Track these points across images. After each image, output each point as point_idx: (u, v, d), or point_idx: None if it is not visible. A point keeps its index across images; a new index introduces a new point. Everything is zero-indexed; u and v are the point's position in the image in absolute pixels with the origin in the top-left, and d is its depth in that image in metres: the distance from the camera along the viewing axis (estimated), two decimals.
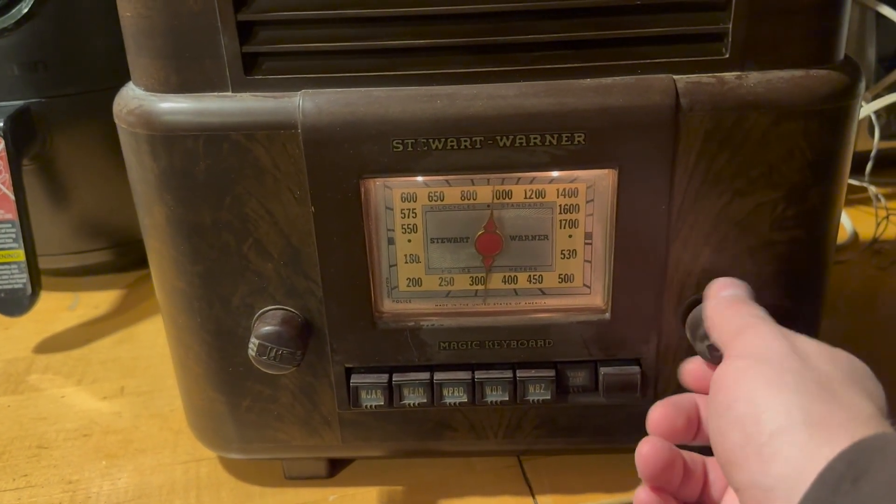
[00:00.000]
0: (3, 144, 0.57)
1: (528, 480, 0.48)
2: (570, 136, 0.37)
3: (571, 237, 0.41)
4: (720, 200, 0.39)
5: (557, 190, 0.40)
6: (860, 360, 0.34)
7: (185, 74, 0.38)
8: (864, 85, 0.39)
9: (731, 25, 0.36)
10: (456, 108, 0.37)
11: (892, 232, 0.72)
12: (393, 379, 0.43)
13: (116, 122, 0.40)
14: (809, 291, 0.42)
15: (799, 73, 0.37)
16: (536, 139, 0.37)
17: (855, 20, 0.74)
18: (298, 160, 0.38)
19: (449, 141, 0.37)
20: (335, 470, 0.49)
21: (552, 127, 0.37)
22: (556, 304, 0.42)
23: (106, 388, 0.58)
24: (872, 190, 0.74)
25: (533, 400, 0.43)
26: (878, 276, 0.68)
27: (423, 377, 0.42)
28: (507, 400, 0.43)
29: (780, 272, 0.41)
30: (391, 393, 0.43)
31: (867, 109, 0.71)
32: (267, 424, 0.45)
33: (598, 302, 0.42)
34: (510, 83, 0.37)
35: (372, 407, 0.43)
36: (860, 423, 0.29)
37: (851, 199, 0.78)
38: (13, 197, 0.58)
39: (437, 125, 0.37)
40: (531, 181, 0.40)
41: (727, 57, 0.37)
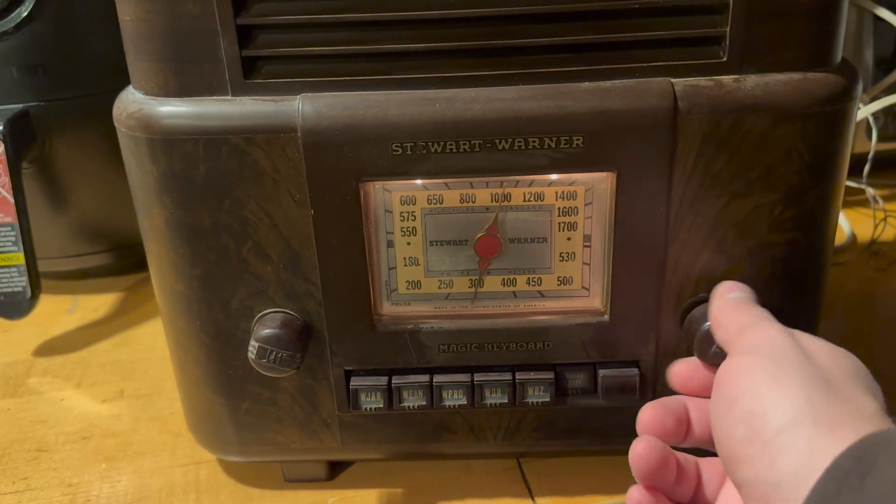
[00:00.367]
0: (2, 148, 0.57)
1: (527, 482, 0.48)
2: (568, 139, 0.37)
3: (570, 240, 0.41)
4: (718, 203, 0.39)
5: (556, 193, 0.40)
6: (857, 359, 0.34)
7: (184, 78, 0.38)
8: (861, 87, 0.39)
9: (728, 29, 0.36)
10: (454, 111, 0.37)
11: (889, 233, 0.73)
12: (392, 381, 0.43)
13: (116, 125, 0.40)
14: (807, 293, 0.42)
15: (796, 75, 0.37)
16: (535, 142, 0.37)
17: (853, 23, 0.75)
18: (298, 163, 0.38)
19: (448, 144, 0.37)
20: (335, 472, 0.49)
21: (551, 130, 0.37)
22: (554, 306, 0.42)
23: (105, 390, 0.58)
24: (870, 192, 0.74)
25: (532, 402, 0.43)
26: (876, 277, 0.68)
27: (422, 380, 0.43)
28: (506, 402, 0.43)
29: (778, 274, 0.41)
30: (391, 395, 0.43)
31: (865, 111, 0.71)
32: (266, 427, 0.45)
33: (596, 304, 0.42)
34: (509, 86, 0.37)
35: (371, 409, 0.43)
36: (864, 419, 0.29)
37: (849, 200, 0.79)
38: (12, 200, 0.58)
39: (435, 128, 0.37)
40: (530, 184, 0.40)
41: (725, 60, 0.37)
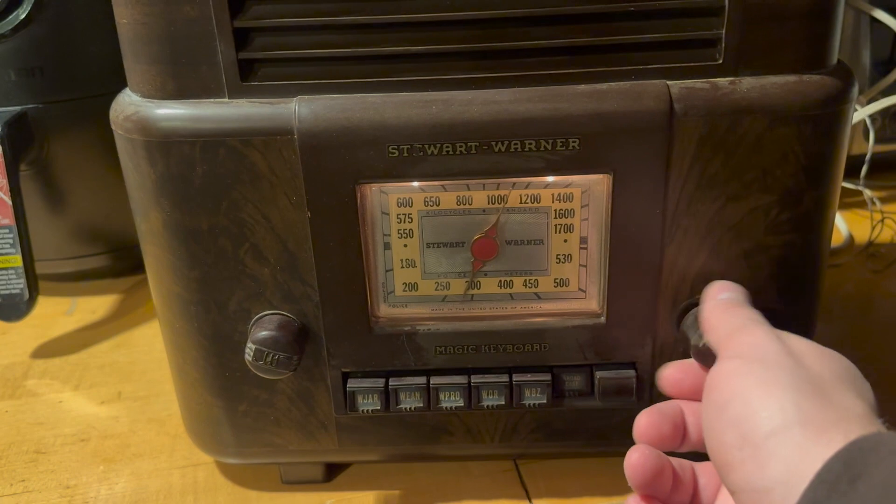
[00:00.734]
0: (0, 150, 0.57)
1: (524, 484, 0.48)
2: (564, 141, 0.37)
3: (567, 242, 0.41)
4: (714, 205, 0.39)
5: (552, 195, 0.40)
6: (852, 362, 0.34)
7: (181, 81, 0.38)
8: (856, 89, 0.39)
9: (724, 31, 0.36)
10: (451, 113, 0.37)
11: (887, 235, 0.73)
12: (389, 383, 0.43)
13: (113, 128, 0.40)
14: (804, 295, 0.43)
15: (792, 78, 0.37)
16: (531, 144, 0.37)
17: (850, 25, 0.75)
18: (295, 166, 0.38)
19: (444, 146, 0.37)
20: (332, 474, 0.49)
21: (547, 132, 0.37)
22: (551, 308, 0.42)
23: (103, 392, 0.58)
24: (867, 193, 0.74)
25: (529, 404, 0.43)
26: (873, 279, 0.68)
27: (419, 381, 0.43)
28: (503, 404, 0.43)
29: (774, 276, 0.41)
30: (388, 397, 0.43)
31: (862, 113, 0.71)
32: (264, 429, 0.45)
33: (593, 306, 0.42)
34: (505, 89, 0.37)
35: (369, 411, 0.43)
36: (853, 421, 0.29)
37: (847, 202, 0.79)
38: (10, 202, 0.58)
39: (432, 131, 0.37)
40: (526, 186, 0.40)
41: (721, 62, 0.37)
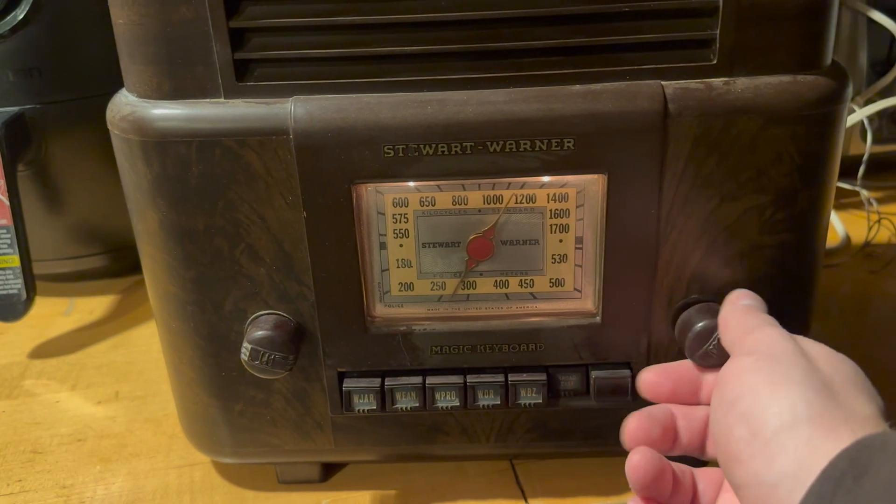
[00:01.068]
0: None
1: (520, 484, 0.48)
2: (559, 141, 0.37)
3: (562, 242, 0.41)
4: (709, 205, 0.39)
5: (548, 195, 0.40)
6: (856, 364, 0.34)
7: (177, 81, 0.38)
8: (851, 90, 0.39)
9: (718, 32, 0.36)
10: (446, 113, 0.37)
11: (883, 235, 0.73)
12: (385, 383, 0.43)
13: (109, 128, 0.40)
14: (799, 295, 0.43)
15: (786, 78, 0.37)
16: (526, 145, 0.37)
17: (847, 26, 0.75)
18: (290, 166, 0.38)
19: (440, 146, 0.37)
20: (328, 474, 0.49)
21: (542, 132, 0.37)
22: (547, 308, 0.42)
23: (100, 392, 0.58)
24: (864, 194, 0.74)
25: (524, 404, 0.43)
26: (870, 279, 0.68)
27: (415, 381, 0.43)
28: (498, 404, 0.43)
29: (769, 275, 0.41)
30: (383, 397, 0.43)
31: (860, 114, 0.71)
32: (260, 429, 0.45)
33: (588, 306, 0.42)
34: (500, 89, 0.37)
35: (364, 411, 0.43)
36: (861, 421, 0.30)
37: (844, 202, 0.79)
38: (8, 202, 0.58)
39: (427, 131, 0.37)
40: (522, 186, 0.40)
41: (715, 63, 0.37)
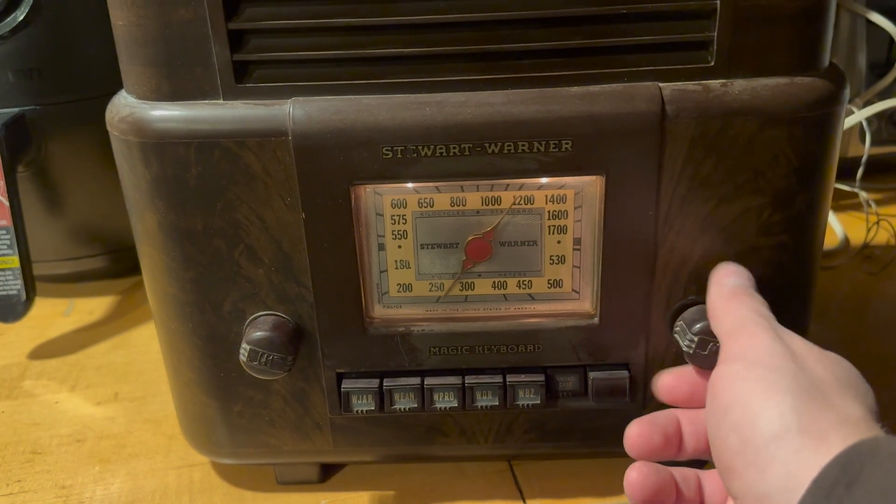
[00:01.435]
0: None
1: (518, 485, 0.48)
2: (557, 143, 0.37)
3: (560, 243, 0.41)
4: (706, 206, 0.39)
5: (546, 196, 0.40)
6: (849, 363, 0.34)
7: (176, 82, 0.38)
8: (848, 92, 0.39)
9: (716, 34, 0.37)
10: (444, 115, 0.37)
11: (882, 237, 0.73)
12: (384, 384, 0.43)
13: (109, 129, 0.40)
14: (797, 296, 0.43)
15: (784, 80, 0.37)
16: (524, 146, 0.37)
17: (846, 27, 0.75)
18: (289, 167, 0.38)
19: (438, 148, 0.37)
20: (327, 475, 0.49)
21: (540, 134, 0.37)
22: (545, 309, 0.43)
23: (100, 393, 0.59)
24: (863, 195, 0.74)
25: (523, 404, 0.43)
26: (868, 280, 0.68)
27: (413, 382, 0.43)
28: (497, 405, 0.43)
29: (767, 277, 0.41)
30: (382, 398, 0.43)
31: (858, 116, 0.72)
32: (259, 429, 0.45)
33: (586, 307, 0.42)
34: (498, 90, 0.37)
35: (363, 412, 0.43)
36: (851, 426, 0.29)
37: (843, 204, 0.79)
38: (8, 203, 0.58)
39: (426, 132, 0.37)
40: (520, 188, 0.40)
41: (712, 65, 0.37)
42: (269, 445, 0.46)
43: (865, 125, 0.74)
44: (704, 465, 0.40)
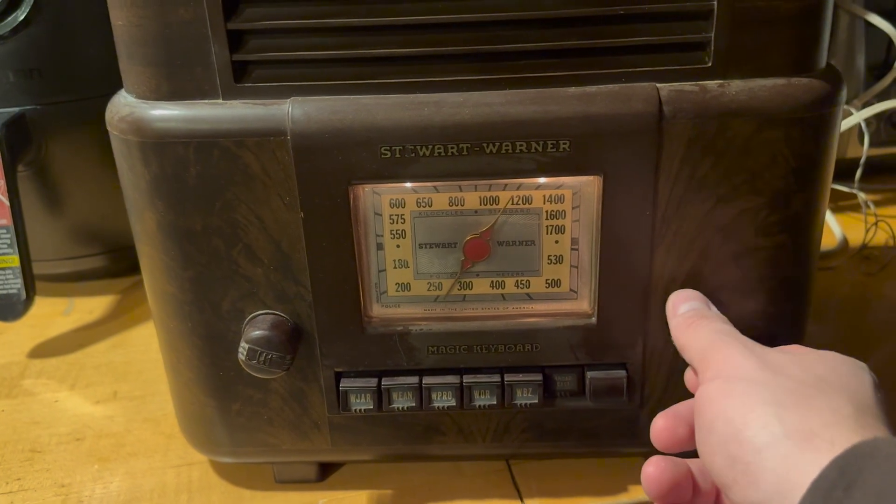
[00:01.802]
0: None
1: (516, 484, 0.48)
2: (555, 143, 0.37)
3: (558, 243, 0.41)
4: (704, 206, 0.39)
5: (544, 196, 0.40)
6: (842, 359, 0.34)
7: (175, 82, 0.38)
8: (845, 93, 0.39)
9: (713, 35, 0.37)
10: (442, 115, 0.37)
11: (881, 238, 0.73)
12: (382, 383, 0.43)
13: (108, 128, 0.40)
14: (794, 296, 0.43)
15: (781, 81, 0.38)
16: (522, 146, 0.37)
17: (844, 29, 0.75)
18: (288, 167, 0.38)
19: (436, 148, 0.38)
20: (325, 474, 0.50)
21: (537, 134, 0.37)
22: (543, 308, 0.43)
23: (99, 392, 0.59)
24: (862, 196, 0.74)
25: (521, 404, 0.43)
26: (867, 281, 0.68)
27: (411, 381, 0.43)
28: (494, 404, 0.43)
29: (764, 277, 0.41)
30: (380, 397, 0.43)
31: (857, 117, 0.72)
32: (257, 428, 0.45)
33: (584, 307, 0.42)
34: (496, 91, 0.38)
35: (361, 411, 0.43)
36: (840, 424, 0.30)
37: (841, 205, 0.79)
38: (8, 203, 0.58)
39: (424, 132, 0.37)
40: (518, 187, 0.40)
41: (710, 65, 0.37)
42: (267, 444, 0.46)
43: (864, 126, 0.75)
44: None
